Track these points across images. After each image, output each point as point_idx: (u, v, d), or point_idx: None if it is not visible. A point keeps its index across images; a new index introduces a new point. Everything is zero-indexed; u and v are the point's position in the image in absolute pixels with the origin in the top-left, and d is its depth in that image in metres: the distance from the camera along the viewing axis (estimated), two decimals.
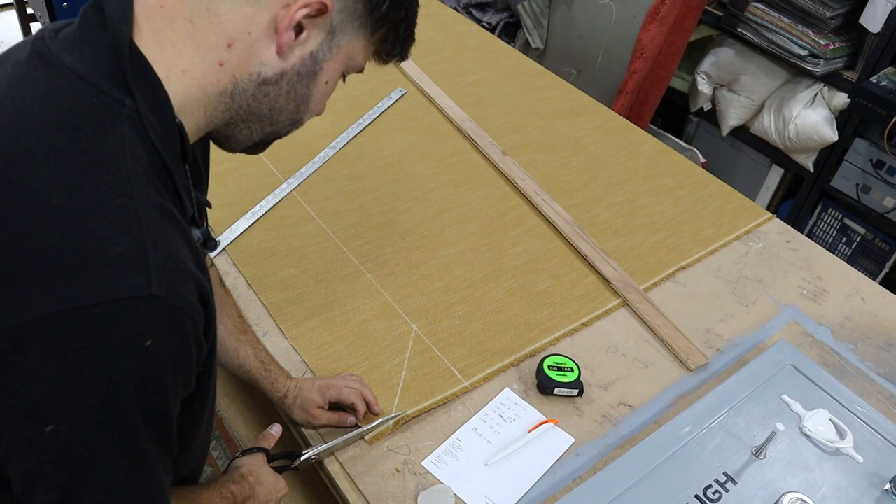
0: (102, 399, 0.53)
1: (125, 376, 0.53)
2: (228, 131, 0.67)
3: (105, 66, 0.58)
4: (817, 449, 0.96)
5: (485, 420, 0.96)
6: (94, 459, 0.54)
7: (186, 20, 0.60)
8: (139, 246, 0.54)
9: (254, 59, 0.62)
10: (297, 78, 0.65)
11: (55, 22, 0.64)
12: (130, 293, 0.52)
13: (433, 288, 1.14)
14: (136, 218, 0.55)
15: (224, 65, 0.62)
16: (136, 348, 0.53)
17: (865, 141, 2.13)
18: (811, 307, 1.21)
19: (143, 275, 0.53)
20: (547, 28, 2.48)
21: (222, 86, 0.63)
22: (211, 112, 0.64)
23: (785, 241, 1.35)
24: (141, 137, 0.58)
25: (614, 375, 1.05)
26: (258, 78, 0.63)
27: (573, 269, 1.22)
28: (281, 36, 0.61)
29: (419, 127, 1.51)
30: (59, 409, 0.52)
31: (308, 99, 0.68)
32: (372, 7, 0.65)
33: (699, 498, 0.88)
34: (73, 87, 0.57)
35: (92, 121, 0.56)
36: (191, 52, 0.61)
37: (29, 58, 0.60)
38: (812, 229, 2.38)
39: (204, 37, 0.61)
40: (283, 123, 0.69)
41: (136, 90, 0.58)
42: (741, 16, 2.20)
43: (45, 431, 0.52)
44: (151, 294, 0.53)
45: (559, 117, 1.61)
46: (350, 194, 1.31)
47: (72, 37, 0.60)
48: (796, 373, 1.06)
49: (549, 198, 1.35)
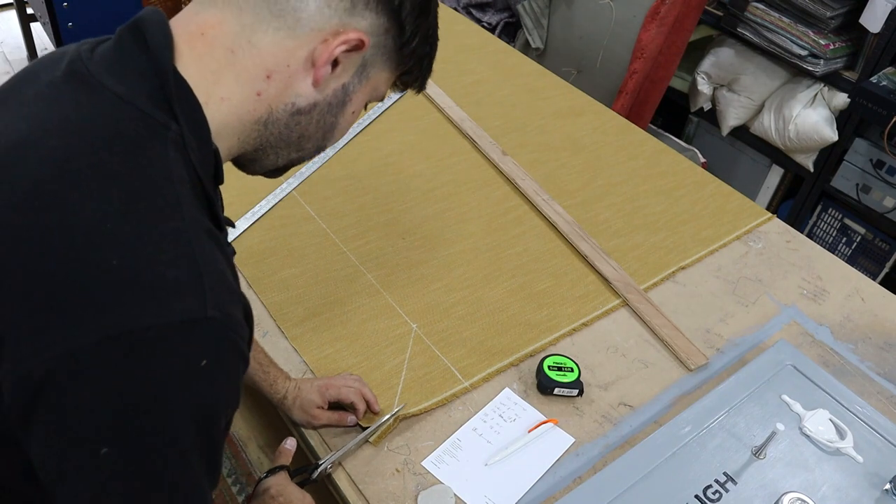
0: (157, 421, 0.53)
1: (180, 398, 0.53)
2: (255, 156, 0.69)
3: (147, 89, 0.59)
4: (817, 449, 0.96)
5: (485, 420, 0.96)
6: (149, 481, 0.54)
7: (227, 50, 0.62)
8: (194, 269, 0.55)
9: (290, 90, 0.64)
10: (327, 108, 0.67)
11: (86, 41, 0.65)
12: (187, 316, 0.53)
13: (433, 288, 1.14)
14: (189, 241, 0.56)
15: (262, 95, 0.63)
16: (192, 370, 0.53)
17: (865, 141, 2.13)
18: (811, 307, 1.21)
19: (198, 297, 0.54)
20: (547, 28, 2.48)
21: (258, 114, 0.64)
22: (244, 139, 0.66)
23: (785, 241, 1.35)
24: (184, 161, 0.59)
25: (614, 375, 1.05)
26: (293, 108, 0.65)
27: (573, 269, 1.22)
28: (319, 70, 0.63)
29: (419, 127, 1.51)
30: (114, 431, 0.52)
31: (334, 127, 0.70)
32: (402, 44, 0.67)
33: (699, 498, 0.88)
34: (118, 110, 0.58)
35: (140, 144, 0.57)
36: (230, 81, 0.62)
37: (66, 78, 0.60)
38: (812, 229, 2.38)
39: (244, 67, 0.62)
40: (308, 150, 0.71)
41: (181, 115, 0.59)
42: (741, 16, 2.20)
43: (101, 454, 0.52)
44: (206, 316, 0.54)
45: (559, 117, 1.61)
46: (350, 194, 1.31)
47: (110, 58, 0.61)
48: (796, 373, 1.06)
49: (549, 198, 1.35)
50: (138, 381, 0.52)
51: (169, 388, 0.53)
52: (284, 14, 0.61)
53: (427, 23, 0.69)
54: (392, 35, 0.66)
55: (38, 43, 3.13)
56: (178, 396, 0.53)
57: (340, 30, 0.63)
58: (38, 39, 3.11)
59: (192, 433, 0.55)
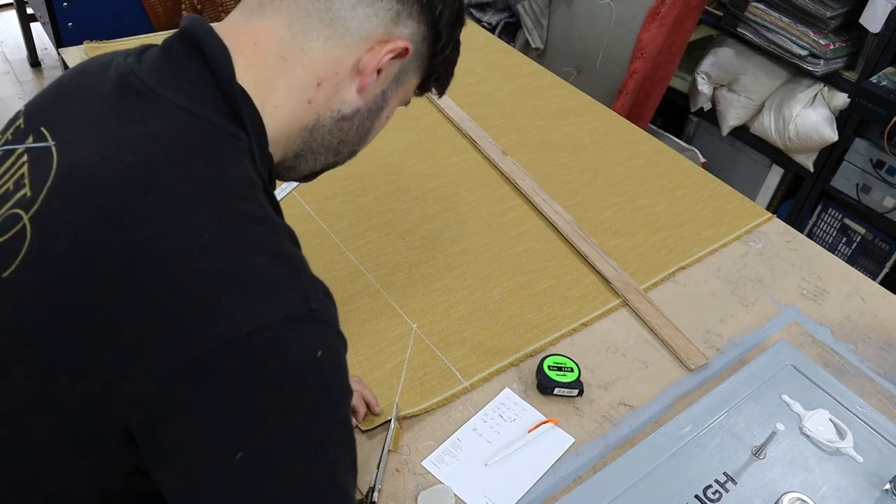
0: (285, 419, 0.53)
1: (304, 393, 0.54)
2: (295, 163, 0.70)
3: (211, 101, 0.60)
4: (817, 449, 0.96)
5: (485, 420, 0.96)
6: (286, 481, 0.53)
7: (279, 58, 0.63)
8: (291, 266, 0.57)
9: (337, 97, 0.66)
10: (367, 114, 0.69)
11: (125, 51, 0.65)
12: (294, 311, 0.54)
13: (433, 288, 1.14)
14: (280, 240, 0.58)
15: (312, 102, 0.65)
16: (309, 363, 0.54)
17: (865, 141, 2.13)
18: (811, 307, 1.21)
19: (300, 292, 0.55)
20: (547, 28, 2.48)
21: (306, 121, 0.66)
22: (289, 145, 0.67)
23: (785, 241, 1.35)
24: (255, 170, 0.61)
25: (614, 375, 1.05)
26: (338, 115, 0.67)
27: (573, 269, 1.22)
28: (366, 77, 0.65)
29: (419, 127, 1.51)
30: (245, 435, 0.52)
31: (370, 132, 0.72)
32: (436, 51, 0.70)
33: (699, 498, 0.88)
34: (188, 122, 0.58)
35: (217, 154, 0.58)
36: (283, 89, 0.63)
37: (121, 92, 0.60)
38: (812, 229, 2.38)
39: (296, 75, 0.63)
40: (344, 155, 0.73)
41: (249, 126, 0.61)
42: (741, 16, 2.20)
43: (236, 459, 0.51)
44: (311, 309, 0.55)
45: (559, 117, 1.61)
46: (350, 194, 1.31)
47: (164, 70, 0.61)
48: (796, 373, 1.06)
49: (549, 198, 1.35)
50: (260, 382, 0.52)
51: (291, 384, 0.53)
52: (334, 23, 0.63)
53: (459, 31, 0.71)
54: (428, 43, 0.69)
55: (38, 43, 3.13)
56: (301, 391, 0.53)
57: (386, 38, 0.64)
58: (38, 39, 3.11)
59: (321, 426, 0.54)
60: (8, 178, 0.61)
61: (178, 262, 0.52)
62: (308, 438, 0.53)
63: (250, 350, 0.51)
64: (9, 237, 0.57)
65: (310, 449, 0.54)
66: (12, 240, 0.57)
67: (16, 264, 0.56)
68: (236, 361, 0.51)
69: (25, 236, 0.56)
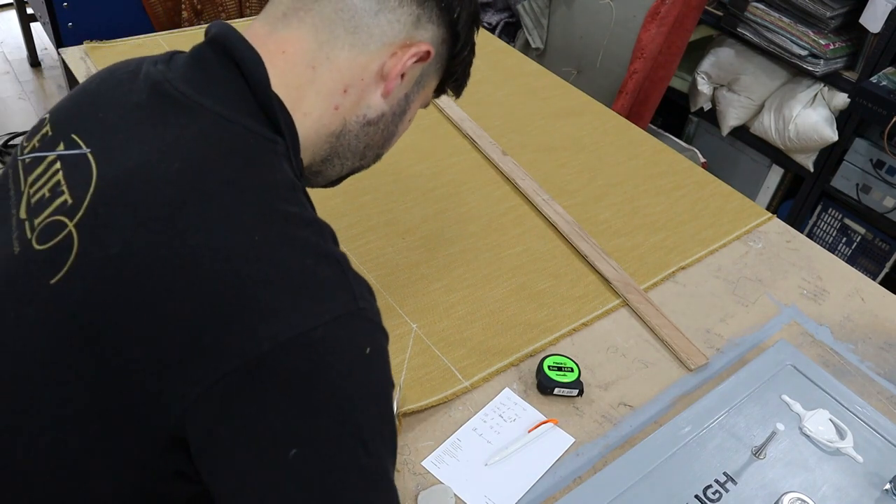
0: (338, 415, 0.54)
1: (355, 389, 0.55)
2: (322, 167, 0.73)
3: (246, 108, 0.61)
4: (817, 449, 0.96)
5: (485, 420, 0.96)
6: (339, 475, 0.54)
7: (308, 66, 0.64)
8: (338, 266, 0.58)
9: (363, 102, 0.68)
10: (391, 117, 0.71)
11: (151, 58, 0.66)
12: (344, 310, 0.56)
13: (433, 288, 1.14)
14: (325, 241, 0.59)
15: (339, 108, 0.67)
16: (360, 359, 0.56)
17: (865, 141, 2.13)
18: (811, 307, 1.21)
19: (348, 291, 0.57)
20: (547, 28, 2.48)
21: (333, 128, 0.68)
22: (317, 151, 0.69)
23: (785, 241, 1.35)
24: (293, 172, 0.62)
25: (614, 375, 1.05)
26: (364, 120, 0.69)
27: (573, 269, 1.22)
28: (391, 82, 0.67)
29: (419, 127, 1.51)
30: (298, 431, 0.53)
31: (393, 135, 0.74)
32: (455, 53, 0.72)
33: (699, 498, 0.88)
34: (225, 129, 0.60)
35: (258, 160, 0.60)
36: (312, 97, 0.65)
37: (156, 100, 0.62)
38: (812, 229, 2.38)
39: (323, 82, 0.65)
40: (369, 158, 0.75)
41: (284, 130, 0.63)
42: (741, 16, 2.20)
43: (290, 456, 0.52)
44: (359, 308, 0.57)
45: (559, 117, 1.61)
46: (350, 194, 1.31)
47: (197, 78, 0.62)
48: (796, 373, 1.06)
49: (549, 198, 1.35)
50: (313, 381, 0.53)
51: (342, 380, 0.54)
52: (358, 31, 0.64)
53: (476, 32, 0.73)
54: (447, 45, 0.70)
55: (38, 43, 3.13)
56: (355, 389, 0.55)
57: (408, 42, 0.66)
58: (38, 39, 3.11)
59: (370, 421, 0.56)
60: (41, 185, 0.62)
61: (231, 266, 0.53)
62: (358, 431, 0.55)
63: (304, 350, 0.53)
64: (53, 245, 0.58)
65: (359, 441, 0.55)
66: (58, 247, 0.57)
67: (64, 271, 0.56)
68: (291, 362, 0.52)
69: (73, 243, 0.57)
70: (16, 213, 0.63)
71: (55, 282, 0.56)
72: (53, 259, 0.57)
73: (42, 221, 0.59)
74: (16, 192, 0.65)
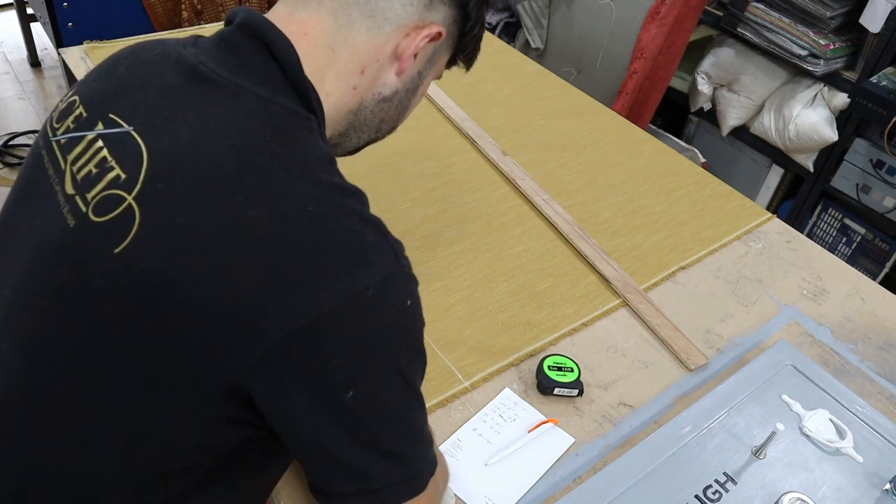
0: (389, 357, 0.62)
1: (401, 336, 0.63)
2: (340, 140, 0.77)
3: (281, 88, 0.66)
4: (817, 449, 0.96)
5: (485, 420, 0.96)
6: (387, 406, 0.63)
7: (328, 48, 0.69)
8: (379, 229, 0.64)
9: (378, 81, 0.72)
10: (405, 93, 0.76)
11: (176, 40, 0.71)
12: (390, 270, 0.61)
13: (433, 288, 1.14)
14: (366, 207, 0.66)
15: (357, 88, 0.71)
16: (404, 311, 0.63)
17: (865, 141, 2.13)
18: (811, 307, 1.21)
19: (391, 252, 0.63)
20: (547, 28, 2.48)
21: (351, 106, 0.72)
22: (336, 127, 0.74)
23: (785, 241, 1.35)
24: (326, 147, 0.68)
25: (614, 375, 1.05)
26: (379, 97, 0.74)
27: (573, 269, 1.22)
28: (404, 62, 0.72)
29: (419, 127, 1.51)
30: (354, 377, 0.60)
31: (407, 109, 0.79)
32: (466, 31, 0.76)
33: (699, 498, 0.88)
34: (265, 108, 0.64)
35: (299, 136, 0.65)
36: (332, 78, 0.70)
37: (194, 82, 0.66)
38: (812, 229, 2.38)
39: (343, 63, 0.69)
40: (384, 131, 0.80)
41: (316, 109, 0.67)
42: (741, 16, 2.20)
43: (347, 397, 0.60)
44: (401, 265, 0.63)
45: (559, 117, 1.61)
46: None
47: (231, 61, 0.66)
48: (796, 373, 1.06)
49: (549, 198, 1.35)
50: (368, 332, 0.60)
51: (392, 330, 0.62)
52: (374, 14, 0.69)
53: (486, 9, 0.77)
54: (458, 24, 0.75)
55: (38, 43, 3.13)
56: (399, 335, 0.63)
57: (420, 24, 0.70)
58: (38, 39, 3.11)
59: (410, 358, 0.64)
60: (85, 162, 0.65)
61: (290, 235, 0.59)
62: (400, 369, 0.63)
63: (359, 308, 0.59)
64: (113, 216, 0.62)
65: (402, 377, 0.63)
66: (118, 219, 0.61)
67: (128, 240, 0.60)
68: (347, 319, 0.58)
69: (134, 215, 0.61)
70: (60, 189, 0.66)
71: (119, 251, 0.60)
72: (116, 230, 0.61)
73: (97, 195, 0.63)
74: (56, 171, 0.68)
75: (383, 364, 0.62)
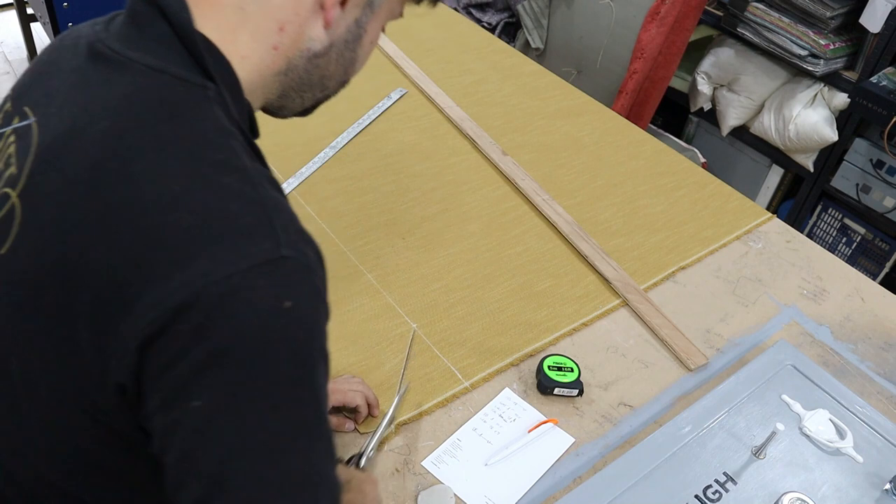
0: (243, 367, 0.52)
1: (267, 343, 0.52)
2: (282, 102, 0.70)
3: (176, 56, 0.59)
4: (817, 449, 0.96)
5: (485, 420, 0.96)
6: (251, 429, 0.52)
7: (237, 8, 0.62)
8: (263, 212, 0.55)
9: (304, 37, 0.64)
10: (344, 45, 0.67)
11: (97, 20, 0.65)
12: (262, 258, 0.53)
13: (433, 288, 1.14)
14: (254, 187, 0.56)
15: (278, 48, 0.64)
16: (276, 312, 0.52)
17: (865, 141, 2.13)
18: (811, 307, 1.21)
19: (272, 239, 0.54)
20: (547, 28, 2.48)
21: (277, 67, 0.65)
22: (267, 91, 0.67)
23: (785, 241, 1.35)
24: (228, 118, 0.60)
25: (614, 375, 1.05)
26: (308, 53, 0.66)
27: (573, 269, 1.22)
28: (329, 12, 0.64)
29: (419, 127, 1.51)
30: (201, 382, 0.51)
31: (354, 61, 0.70)
32: None
33: (699, 498, 0.88)
34: (153, 80, 0.58)
35: (185, 107, 0.58)
36: (246, 39, 0.62)
37: (91, 62, 0.61)
38: (812, 229, 2.38)
39: (256, 23, 0.62)
40: (332, 88, 0.72)
41: (216, 75, 0.60)
42: (741, 16, 2.20)
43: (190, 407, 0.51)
44: (282, 256, 0.54)
45: (559, 117, 1.61)
46: (350, 194, 1.31)
47: (129, 33, 0.61)
48: (796, 373, 1.06)
49: (549, 198, 1.35)
50: (224, 331, 0.51)
51: (253, 333, 0.52)
52: None
53: None
54: None
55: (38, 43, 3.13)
56: (263, 343, 0.52)
57: None
58: (38, 39, 3.11)
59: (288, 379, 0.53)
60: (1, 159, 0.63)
61: (149, 219, 0.53)
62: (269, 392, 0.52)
63: (215, 300, 0.51)
64: (2, 216, 0.59)
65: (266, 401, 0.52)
66: (4, 218, 0.59)
67: (10, 241, 0.58)
68: (200, 313, 0.51)
69: (15, 213, 0.58)
70: None
71: (4, 252, 0.58)
72: (2, 230, 0.59)
73: None
74: None
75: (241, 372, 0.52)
